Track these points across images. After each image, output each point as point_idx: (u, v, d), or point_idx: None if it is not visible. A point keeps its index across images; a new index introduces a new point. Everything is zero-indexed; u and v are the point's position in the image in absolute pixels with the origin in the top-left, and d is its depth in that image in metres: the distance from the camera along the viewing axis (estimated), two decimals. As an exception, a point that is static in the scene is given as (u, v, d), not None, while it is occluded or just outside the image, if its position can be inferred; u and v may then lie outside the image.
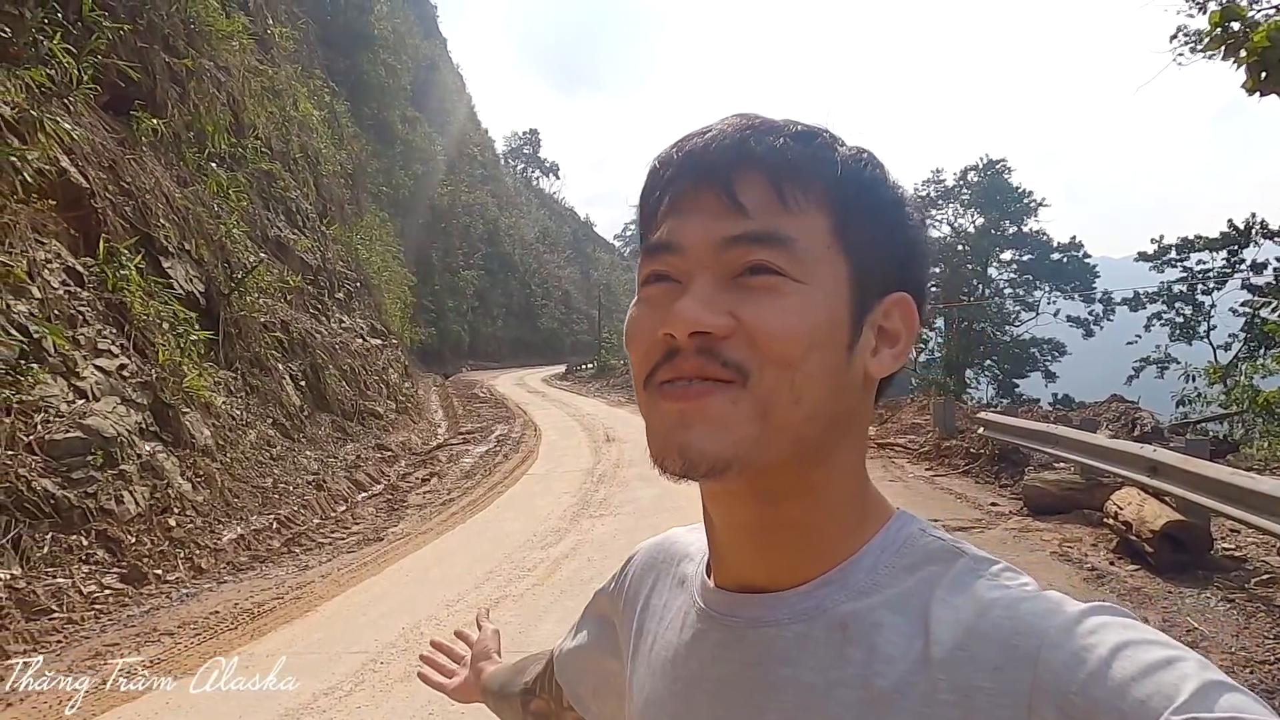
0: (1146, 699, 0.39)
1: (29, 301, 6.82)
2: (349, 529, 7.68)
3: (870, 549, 0.55)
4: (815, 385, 0.52)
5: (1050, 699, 0.42)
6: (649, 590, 0.69)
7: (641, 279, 0.57)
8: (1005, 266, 33.32)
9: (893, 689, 0.48)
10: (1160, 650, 0.42)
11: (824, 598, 0.54)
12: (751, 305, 0.51)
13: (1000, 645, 0.46)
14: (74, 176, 8.13)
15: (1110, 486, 6.24)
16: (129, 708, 3.65)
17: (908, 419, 13.14)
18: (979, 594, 0.49)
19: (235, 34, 13.81)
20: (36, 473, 6.03)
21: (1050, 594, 0.49)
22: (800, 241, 0.53)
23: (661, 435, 0.53)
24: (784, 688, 0.52)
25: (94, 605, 5.37)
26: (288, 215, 15.88)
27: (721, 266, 0.53)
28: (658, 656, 0.62)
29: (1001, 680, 0.44)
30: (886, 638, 0.50)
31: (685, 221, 0.54)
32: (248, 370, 10.69)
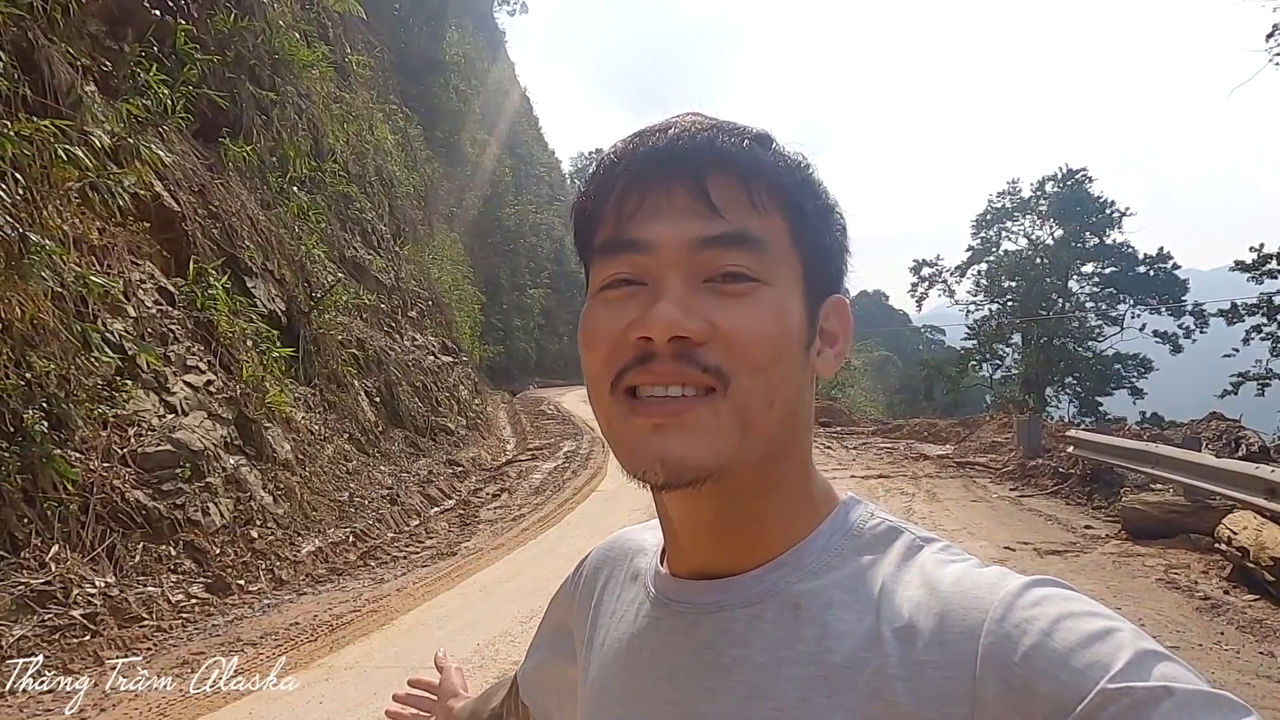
0: (1084, 669, 0.41)
1: (124, 320, 7.12)
2: (423, 543, 7.76)
3: (821, 532, 0.56)
4: (786, 387, 0.53)
5: (994, 670, 0.43)
6: (602, 587, 0.69)
7: (601, 281, 0.56)
8: (1086, 280, 32.12)
9: (844, 664, 0.49)
10: (1098, 621, 0.43)
11: (777, 580, 0.55)
12: (727, 311, 0.51)
13: (946, 620, 0.47)
14: (167, 201, 8.50)
15: (1220, 510, 5.84)
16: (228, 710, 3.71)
17: (987, 437, 12.69)
18: (925, 571, 0.51)
19: (316, 63, 14.32)
20: (129, 484, 6.26)
21: (993, 568, 0.50)
22: (768, 243, 0.53)
23: (637, 447, 0.52)
24: (735, 668, 0.53)
25: (181, 614, 5.51)
26: (363, 236, 16.33)
27: (693, 268, 0.52)
28: (610, 647, 0.63)
29: (948, 654, 0.45)
30: (838, 615, 0.51)
31: (655, 220, 0.53)
32: (326, 386, 10.97)
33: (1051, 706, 0.40)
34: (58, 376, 5.97)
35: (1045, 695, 0.41)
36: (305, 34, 14.12)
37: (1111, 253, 31.07)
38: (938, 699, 0.45)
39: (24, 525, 5.44)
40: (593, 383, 0.56)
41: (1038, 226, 32.43)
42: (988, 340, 32.06)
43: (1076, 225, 30.95)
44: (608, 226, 0.56)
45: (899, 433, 16.54)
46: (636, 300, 0.53)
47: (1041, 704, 0.41)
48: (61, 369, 6.01)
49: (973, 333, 32.68)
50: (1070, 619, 0.43)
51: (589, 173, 0.59)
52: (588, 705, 0.63)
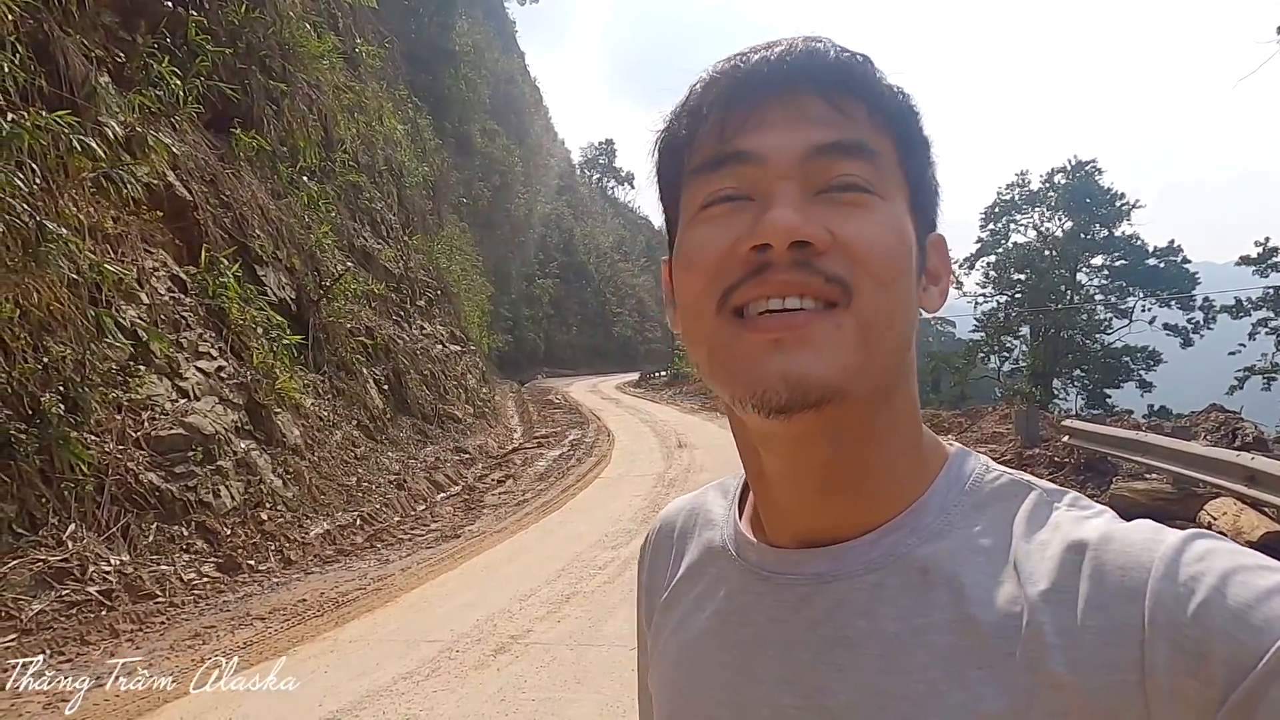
0: (1263, 624, 0.38)
1: (138, 307, 7.30)
2: (428, 526, 7.94)
3: (936, 489, 0.52)
4: (904, 309, 0.50)
5: (1164, 632, 0.40)
6: (669, 572, 0.64)
7: (701, 200, 0.52)
8: (1096, 272, 31.94)
9: (992, 632, 0.45)
10: (1273, 576, 0.39)
11: (895, 543, 0.50)
12: (845, 219, 0.48)
13: (1102, 581, 0.43)
14: (179, 190, 8.68)
15: (1205, 496, 5.95)
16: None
17: (989, 428, 12.78)
18: (1063, 528, 0.46)
19: (326, 54, 14.44)
20: (143, 466, 6.45)
21: (1141, 522, 0.46)
22: (883, 157, 0.51)
23: (754, 366, 0.48)
24: (862, 641, 0.48)
25: (193, 591, 5.71)
26: (373, 226, 16.50)
27: (807, 178, 0.49)
28: (696, 631, 0.57)
29: (1110, 618, 0.42)
30: (973, 579, 0.47)
31: (766, 131, 0.50)
32: (334, 374, 11.15)
33: (1230, 668, 0.38)
34: (74, 361, 6.15)
35: (1223, 656, 0.38)
36: (315, 25, 14.24)
37: (1121, 245, 30.89)
38: (1102, 666, 0.41)
39: (42, 505, 5.64)
40: (691, 308, 0.51)
41: (1047, 219, 32.27)
42: (996, 332, 31.99)
43: (1086, 217, 30.78)
44: (710, 143, 0.51)
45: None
46: (745, 215, 0.49)
47: (1219, 666, 0.38)
48: (77, 354, 6.20)
49: (981, 325, 32.62)
50: (1242, 572, 0.40)
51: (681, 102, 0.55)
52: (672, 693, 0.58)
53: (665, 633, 0.61)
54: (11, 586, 5.07)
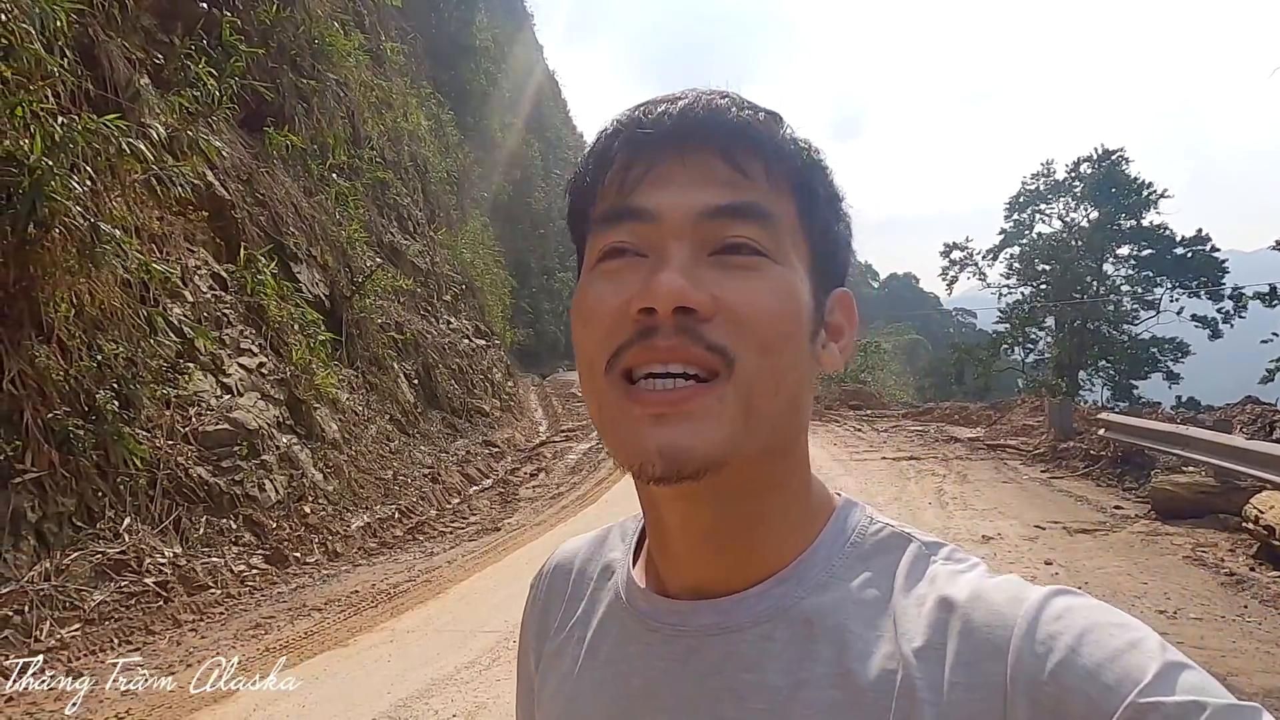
0: (1114, 684, 0.40)
1: (183, 305, 7.45)
2: (467, 520, 8.06)
3: (823, 541, 0.53)
4: (793, 373, 0.50)
5: (1024, 689, 0.42)
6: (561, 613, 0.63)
7: (598, 253, 0.52)
8: (1122, 262, 31.59)
9: (870, 686, 0.46)
10: (1124, 633, 0.42)
11: (782, 595, 0.51)
12: (733, 284, 0.48)
13: (969, 638, 0.45)
14: (218, 189, 8.82)
15: (1249, 490, 5.93)
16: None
17: (1019, 420, 12.73)
18: (938, 582, 0.49)
19: (353, 51, 14.57)
20: (192, 461, 6.60)
21: (1005, 576, 0.48)
22: (780, 220, 0.51)
23: (634, 438, 0.48)
24: (749, 694, 0.49)
25: (245, 583, 5.84)
26: (399, 221, 16.64)
27: (699, 239, 0.49)
28: (585, 679, 0.57)
29: (976, 674, 0.44)
30: (855, 633, 0.48)
31: (661, 189, 0.50)
32: (367, 369, 11.30)
33: None
34: (125, 359, 6.30)
35: (1078, 713, 0.40)
36: (343, 23, 14.36)
37: (1148, 235, 30.50)
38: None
39: (99, 498, 5.79)
40: (587, 363, 0.52)
41: (1072, 208, 31.95)
42: (1020, 324, 31.74)
43: (1112, 207, 30.41)
44: (609, 196, 0.52)
45: (929, 416, 16.59)
46: (637, 273, 0.49)
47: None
48: (129, 352, 6.35)
49: (1005, 316, 32.37)
50: (1096, 631, 0.42)
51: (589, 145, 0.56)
52: None
53: (555, 678, 0.60)
54: (74, 578, 5.22)
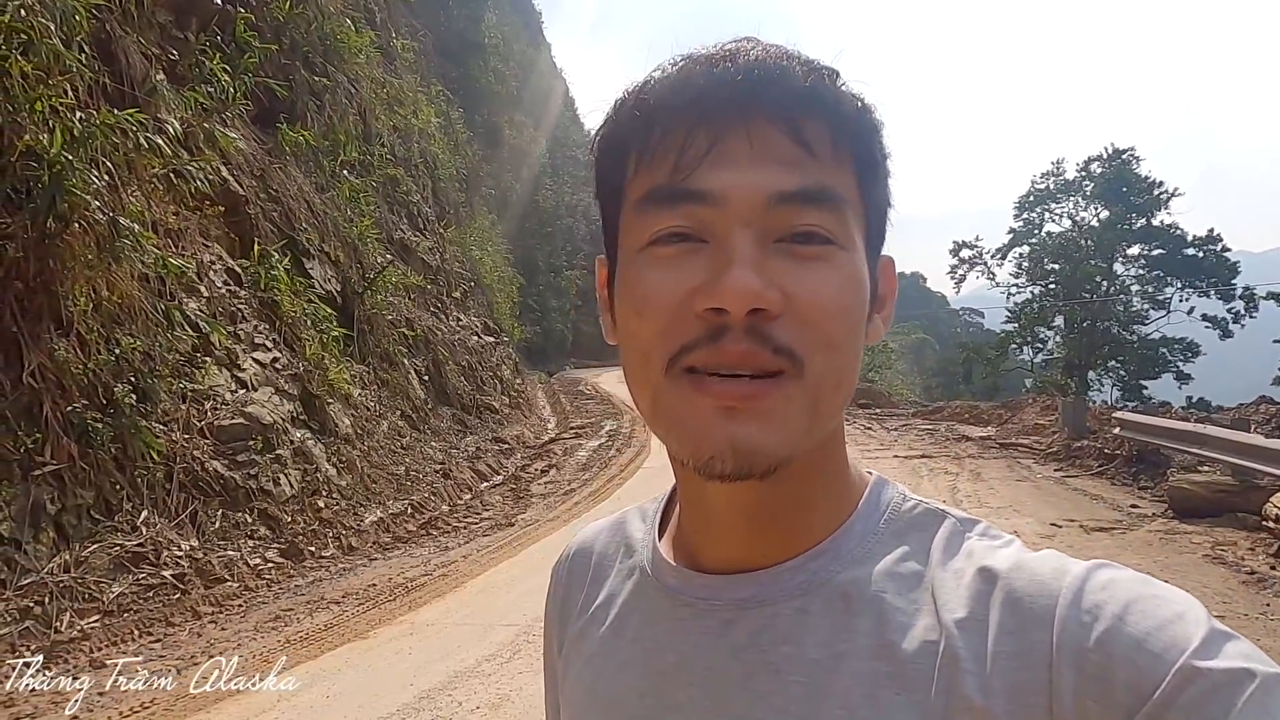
0: (1161, 652, 0.40)
1: (198, 300, 7.48)
2: (480, 515, 8.07)
3: (859, 516, 0.53)
4: (853, 365, 0.49)
5: (1070, 658, 0.41)
6: (584, 597, 0.62)
7: (649, 235, 0.48)
8: (1132, 262, 31.46)
9: (911, 658, 0.46)
10: (1171, 604, 0.42)
11: (818, 570, 0.51)
12: (802, 278, 0.46)
13: (1013, 609, 0.44)
14: (232, 185, 8.84)
15: (1268, 489, 5.90)
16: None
17: (1030, 419, 12.70)
18: (976, 556, 0.48)
19: (364, 48, 14.60)
20: (208, 454, 6.62)
21: (1046, 551, 0.48)
22: (847, 202, 0.48)
23: (701, 429, 0.46)
24: (786, 667, 0.48)
25: (261, 577, 5.86)
26: (410, 218, 16.66)
27: (766, 225, 0.46)
28: (614, 660, 0.56)
29: (1020, 643, 0.43)
30: (893, 605, 0.48)
31: (728, 168, 0.46)
32: (379, 365, 11.32)
33: (1131, 693, 0.39)
34: (142, 353, 6.32)
35: (1123, 681, 0.40)
36: (354, 20, 14.39)
37: (1159, 234, 30.36)
38: (1012, 691, 0.42)
39: (117, 491, 5.81)
40: (642, 356, 0.48)
41: (1082, 208, 31.84)
42: (1029, 323, 31.65)
43: (1122, 206, 30.29)
44: (662, 170, 0.47)
45: (939, 415, 16.56)
46: (698, 261, 0.46)
47: (1120, 690, 0.40)
48: (146, 346, 6.37)
49: (1014, 315, 32.29)
50: (1142, 601, 0.42)
51: (623, 102, 0.50)
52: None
53: (579, 661, 0.59)
54: (93, 570, 5.24)
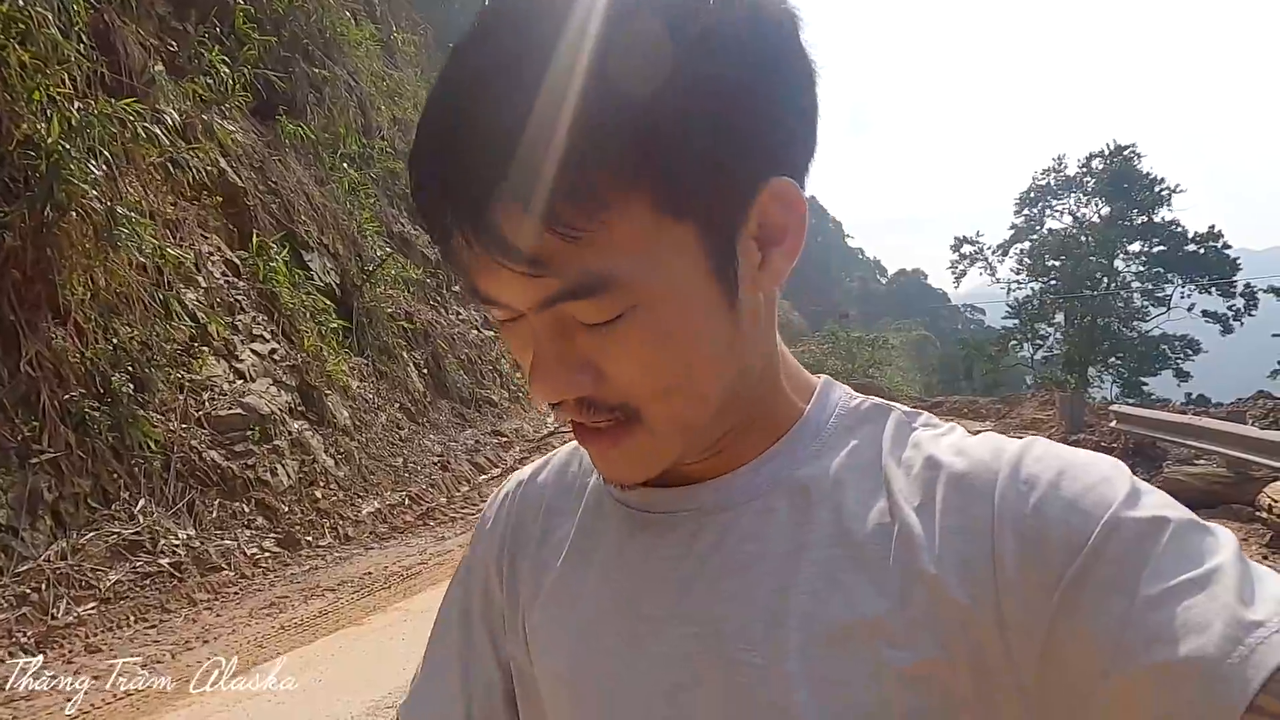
0: (1090, 508, 0.42)
1: (196, 290, 7.49)
2: (477, 506, 8.09)
3: (810, 416, 0.54)
4: (716, 376, 0.49)
5: (1009, 525, 0.44)
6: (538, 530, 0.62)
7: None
8: (1133, 259, 31.48)
9: (868, 540, 0.48)
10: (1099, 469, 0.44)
11: (776, 469, 0.53)
12: (608, 350, 0.45)
13: (957, 486, 0.47)
14: (231, 177, 8.85)
15: (1262, 481, 5.90)
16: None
17: (1029, 414, 12.71)
18: (923, 445, 0.51)
19: (364, 41, 14.60)
20: (205, 444, 6.64)
21: (987, 434, 0.51)
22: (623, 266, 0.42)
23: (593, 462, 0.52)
24: (753, 564, 0.50)
25: (258, 565, 5.88)
26: (409, 211, 16.67)
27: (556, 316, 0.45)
28: (582, 584, 0.56)
29: (965, 518, 0.46)
30: (850, 495, 0.50)
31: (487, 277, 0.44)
32: (377, 357, 11.33)
33: (1064, 550, 0.42)
34: (140, 342, 6.34)
35: (1057, 540, 0.42)
36: (354, 12, 14.39)
37: (1160, 231, 30.40)
38: (961, 563, 0.45)
39: (114, 480, 5.83)
40: None
41: (1084, 204, 31.88)
42: (1030, 319, 31.67)
43: (1124, 203, 30.32)
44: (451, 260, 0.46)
45: (939, 410, 16.58)
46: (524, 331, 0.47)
47: (1055, 550, 0.42)
48: (143, 335, 6.39)
49: (1014, 312, 32.29)
50: (1073, 468, 0.44)
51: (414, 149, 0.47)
52: (569, 647, 0.55)
53: (540, 594, 0.59)
54: (90, 558, 5.27)
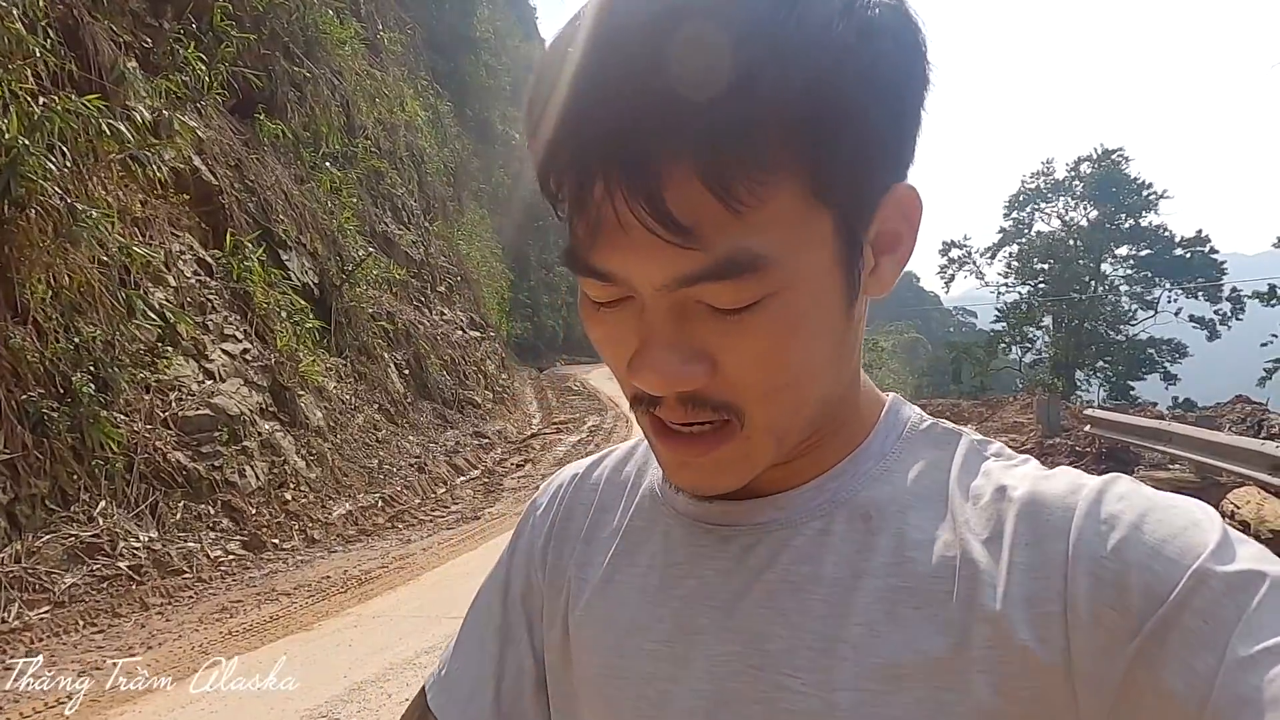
0: (1176, 557, 0.40)
1: (166, 290, 7.42)
2: (448, 509, 8.04)
3: (877, 435, 0.52)
4: (819, 384, 0.47)
5: (1085, 566, 0.41)
6: (586, 524, 0.61)
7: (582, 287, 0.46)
8: (1121, 262, 31.61)
9: (929, 574, 0.45)
10: (1186, 514, 0.42)
11: (837, 490, 0.50)
12: (728, 340, 0.43)
13: (1030, 521, 0.44)
14: (205, 174, 8.78)
15: (1228, 486, 5.90)
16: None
17: (1009, 418, 12.72)
18: (994, 475, 0.48)
19: (348, 40, 14.51)
20: (171, 445, 6.58)
21: (1064, 469, 0.48)
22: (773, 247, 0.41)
23: (667, 467, 0.49)
24: (806, 586, 0.48)
25: (220, 568, 5.83)
26: (394, 211, 16.59)
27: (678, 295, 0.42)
28: (629, 584, 0.55)
29: (1036, 554, 0.43)
30: (912, 523, 0.48)
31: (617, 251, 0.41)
32: (356, 358, 11.27)
33: (1146, 597, 0.39)
34: (103, 342, 6.27)
35: (1139, 586, 0.40)
36: (338, 10, 14.31)
37: (1147, 235, 30.54)
38: (1028, 601, 0.42)
39: (73, 482, 5.77)
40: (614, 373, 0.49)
41: (1072, 207, 31.99)
42: (1018, 323, 31.75)
43: (1112, 207, 30.46)
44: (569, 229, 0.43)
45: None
46: (629, 322, 0.45)
47: (1136, 596, 0.40)
48: (107, 335, 6.31)
49: (1002, 315, 32.38)
50: (1158, 510, 0.42)
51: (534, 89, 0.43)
52: (608, 652, 0.54)
53: (586, 589, 0.57)
54: (45, 560, 5.20)
